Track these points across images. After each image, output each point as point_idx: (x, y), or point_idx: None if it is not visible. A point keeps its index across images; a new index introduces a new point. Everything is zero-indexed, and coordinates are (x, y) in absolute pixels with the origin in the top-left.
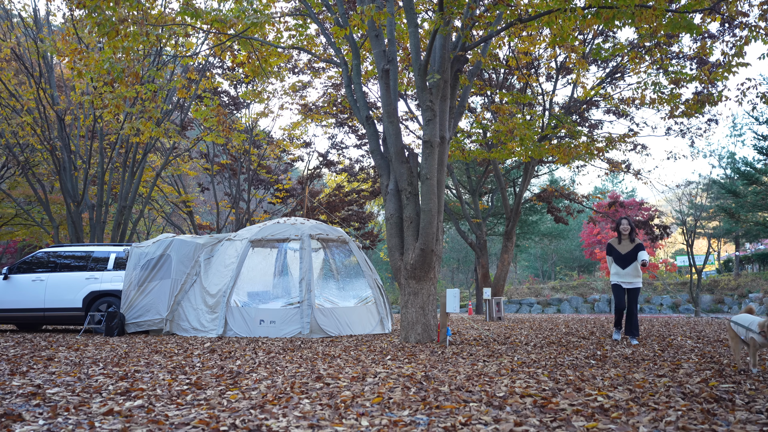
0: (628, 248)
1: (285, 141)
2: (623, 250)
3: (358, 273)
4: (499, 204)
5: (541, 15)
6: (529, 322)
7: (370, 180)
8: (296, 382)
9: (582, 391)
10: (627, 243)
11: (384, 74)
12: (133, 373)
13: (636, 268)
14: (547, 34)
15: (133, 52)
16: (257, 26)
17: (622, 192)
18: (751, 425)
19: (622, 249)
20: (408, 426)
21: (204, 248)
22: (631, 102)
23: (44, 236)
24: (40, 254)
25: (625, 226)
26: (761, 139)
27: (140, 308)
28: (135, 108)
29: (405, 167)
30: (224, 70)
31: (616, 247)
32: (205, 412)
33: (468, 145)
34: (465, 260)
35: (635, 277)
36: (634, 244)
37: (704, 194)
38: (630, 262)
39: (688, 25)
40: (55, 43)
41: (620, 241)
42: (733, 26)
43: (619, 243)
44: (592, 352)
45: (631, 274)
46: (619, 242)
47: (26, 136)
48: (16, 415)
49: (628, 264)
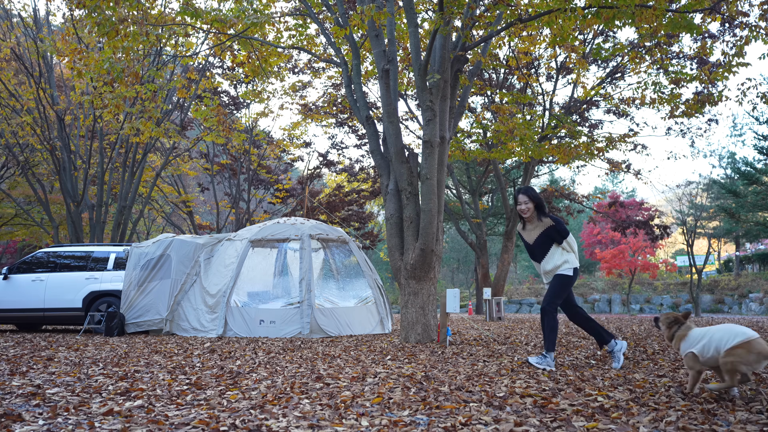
0: (535, 234)
1: (285, 141)
2: (530, 237)
3: (358, 273)
4: (499, 204)
5: (541, 15)
6: (530, 322)
7: (370, 180)
8: (296, 382)
9: (582, 391)
10: (534, 226)
11: (384, 74)
12: (133, 373)
13: (552, 260)
14: (547, 34)
15: (133, 52)
16: (257, 26)
17: (622, 192)
18: (751, 425)
19: (528, 236)
20: (408, 426)
21: (204, 248)
22: (631, 102)
23: (44, 236)
24: (40, 254)
25: (522, 207)
26: (761, 139)
27: (140, 308)
28: (135, 108)
29: (405, 167)
30: (224, 70)
31: (522, 233)
32: (205, 412)
33: (468, 145)
34: (465, 260)
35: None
36: (545, 226)
37: (704, 194)
38: (541, 254)
39: (688, 25)
40: (55, 43)
41: (524, 226)
42: (733, 26)
43: (524, 228)
44: (592, 352)
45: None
46: (524, 227)
47: (26, 136)
48: (16, 415)
49: (537, 256)
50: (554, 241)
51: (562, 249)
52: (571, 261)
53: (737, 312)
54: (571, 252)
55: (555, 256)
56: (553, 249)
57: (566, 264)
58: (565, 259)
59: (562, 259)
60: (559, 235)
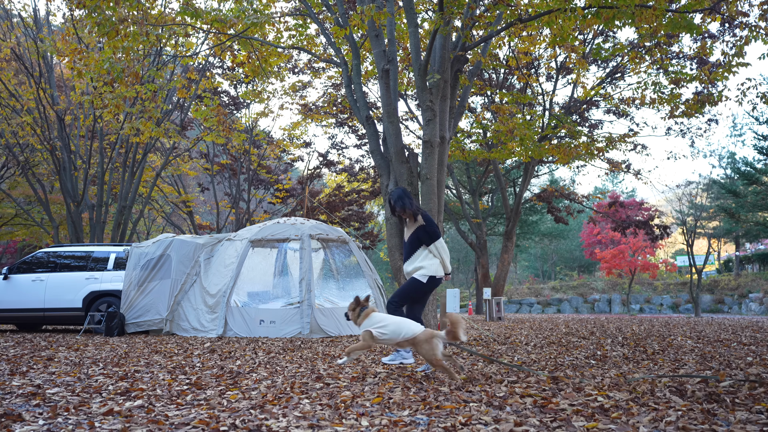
0: (408, 233)
1: (285, 141)
2: (406, 236)
3: (358, 273)
4: (499, 204)
5: (541, 15)
6: (529, 322)
7: (370, 180)
8: (296, 382)
9: (582, 391)
10: (411, 225)
11: (384, 74)
12: (133, 373)
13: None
14: (547, 34)
15: (133, 52)
16: (257, 26)
17: (622, 192)
18: (751, 425)
19: (405, 235)
20: (408, 426)
21: (204, 248)
22: (631, 102)
23: (44, 236)
24: (40, 254)
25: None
26: (761, 139)
27: (140, 308)
28: (135, 108)
29: (405, 167)
30: (224, 70)
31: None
32: (205, 412)
33: (468, 145)
34: (465, 260)
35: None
36: (416, 224)
37: (704, 194)
38: (408, 254)
39: (688, 25)
40: (55, 43)
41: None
42: (733, 26)
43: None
44: (592, 352)
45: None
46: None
47: (26, 136)
48: (16, 415)
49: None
50: (422, 242)
51: (428, 252)
52: (429, 268)
53: (737, 312)
54: (436, 258)
55: (417, 260)
56: (420, 251)
57: (422, 270)
58: (422, 265)
59: (420, 264)
60: (427, 236)
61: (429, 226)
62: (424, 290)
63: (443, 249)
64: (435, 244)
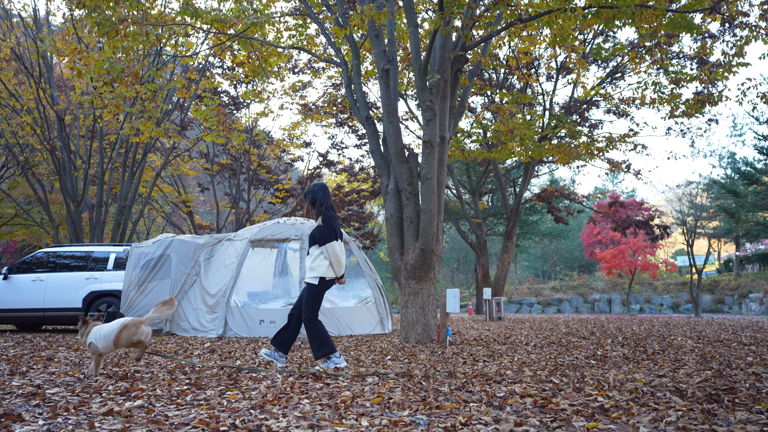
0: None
1: (285, 141)
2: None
3: (358, 273)
4: (499, 204)
5: (541, 15)
6: (529, 322)
7: (370, 180)
8: (296, 382)
9: (582, 391)
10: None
11: (384, 74)
12: (133, 373)
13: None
14: (547, 34)
15: (133, 52)
16: (257, 26)
17: (623, 192)
18: (751, 425)
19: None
20: (408, 426)
21: (204, 248)
22: (631, 102)
23: (44, 236)
24: (40, 254)
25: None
26: (761, 139)
27: (140, 308)
28: (135, 108)
29: (405, 167)
30: (224, 70)
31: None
32: (205, 412)
33: (468, 145)
34: (465, 260)
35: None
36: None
37: (704, 194)
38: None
39: (688, 25)
40: (55, 43)
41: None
42: (733, 26)
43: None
44: (592, 352)
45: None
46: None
47: (26, 136)
48: (15, 415)
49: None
50: (315, 242)
51: (320, 253)
52: (318, 270)
53: (737, 312)
54: (326, 260)
55: (310, 258)
56: (313, 250)
57: (312, 272)
58: (313, 266)
59: (311, 264)
60: (319, 236)
61: (324, 228)
62: (321, 291)
63: (334, 254)
64: (326, 247)
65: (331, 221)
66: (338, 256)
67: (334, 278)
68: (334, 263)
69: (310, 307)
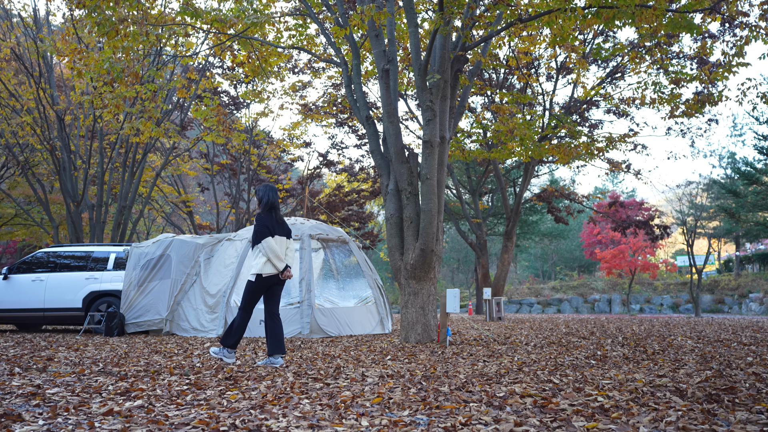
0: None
1: (285, 141)
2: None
3: (358, 273)
4: (499, 204)
5: (541, 15)
6: (529, 322)
7: (370, 180)
8: (296, 382)
9: (582, 391)
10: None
11: (384, 74)
12: (133, 373)
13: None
14: (547, 34)
15: (133, 52)
16: (257, 26)
17: (623, 192)
18: (751, 425)
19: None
20: (408, 426)
21: (204, 248)
22: (631, 102)
23: (44, 236)
24: (40, 254)
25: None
26: (761, 139)
27: (140, 308)
28: (135, 108)
29: (405, 167)
30: (224, 70)
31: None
32: (205, 412)
33: (468, 145)
34: (465, 260)
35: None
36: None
37: (704, 194)
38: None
39: (688, 25)
40: (55, 43)
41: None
42: (733, 26)
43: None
44: (592, 352)
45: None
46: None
47: (26, 136)
48: (15, 415)
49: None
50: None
51: (259, 251)
52: (256, 266)
53: (737, 312)
54: (264, 257)
55: (252, 256)
56: (254, 249)
57: (251, 269)
58: (252, 264)
59: (252, 262)
60: (253, 234)
61: (257, 226)
62: (258, 288)
63: (270, 249)
64: (262, 244)
65: (263, 219)
66: (275, 251)
67: (274, 274)
68: (272, 258)
69: (245, 300)
